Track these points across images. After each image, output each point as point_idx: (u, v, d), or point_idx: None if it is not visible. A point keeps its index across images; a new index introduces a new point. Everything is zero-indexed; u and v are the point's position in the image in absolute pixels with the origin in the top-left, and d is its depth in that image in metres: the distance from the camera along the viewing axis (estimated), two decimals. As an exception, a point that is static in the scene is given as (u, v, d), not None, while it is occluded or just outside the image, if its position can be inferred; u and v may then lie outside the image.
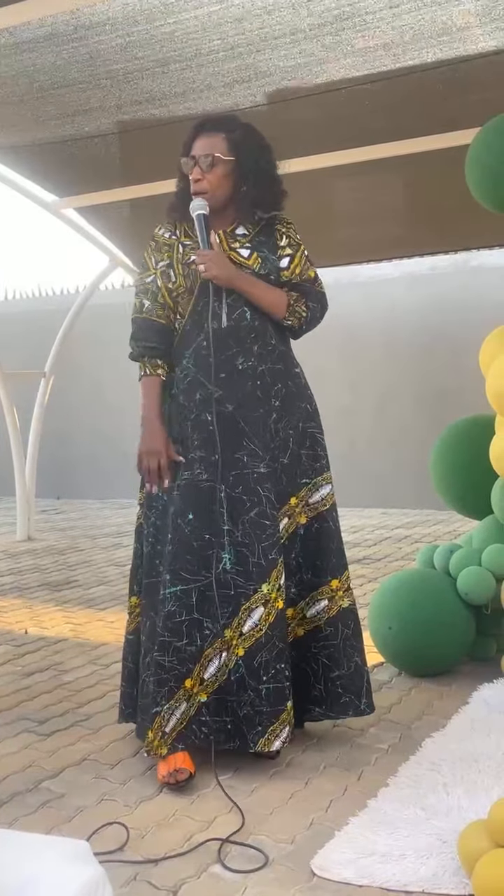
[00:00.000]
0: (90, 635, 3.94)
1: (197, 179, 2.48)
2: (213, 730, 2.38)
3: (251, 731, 2.36)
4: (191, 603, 2.38)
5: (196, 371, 2.47)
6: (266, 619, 2.38)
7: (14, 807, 2.25)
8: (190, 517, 2.41)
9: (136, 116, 4.43)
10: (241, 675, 2.37)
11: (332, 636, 2.53)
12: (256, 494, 2.42)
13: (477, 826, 1.81)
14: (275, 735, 2.35)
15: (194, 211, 2.46)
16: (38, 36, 3.57)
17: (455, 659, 3.23)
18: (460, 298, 7.67)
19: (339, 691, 2.52)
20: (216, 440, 2.42)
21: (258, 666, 2.36)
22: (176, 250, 2.55)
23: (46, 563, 5.82)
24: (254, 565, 2.39)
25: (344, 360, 8.08)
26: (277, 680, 2.36)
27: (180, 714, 2.36)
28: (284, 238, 2.58)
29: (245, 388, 2.46)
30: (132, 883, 1.88)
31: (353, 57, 3.81)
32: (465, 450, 3.56)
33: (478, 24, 3.53)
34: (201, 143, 2.50)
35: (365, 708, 2.55)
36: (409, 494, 7.65)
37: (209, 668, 2.39)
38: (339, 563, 2.58)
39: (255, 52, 3.77)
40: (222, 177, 2.49)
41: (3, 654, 3.67)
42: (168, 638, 2.37)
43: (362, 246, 6.21)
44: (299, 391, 2.57)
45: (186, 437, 2.47)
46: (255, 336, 2.49)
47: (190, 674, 2.37)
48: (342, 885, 1.85)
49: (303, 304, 2.56)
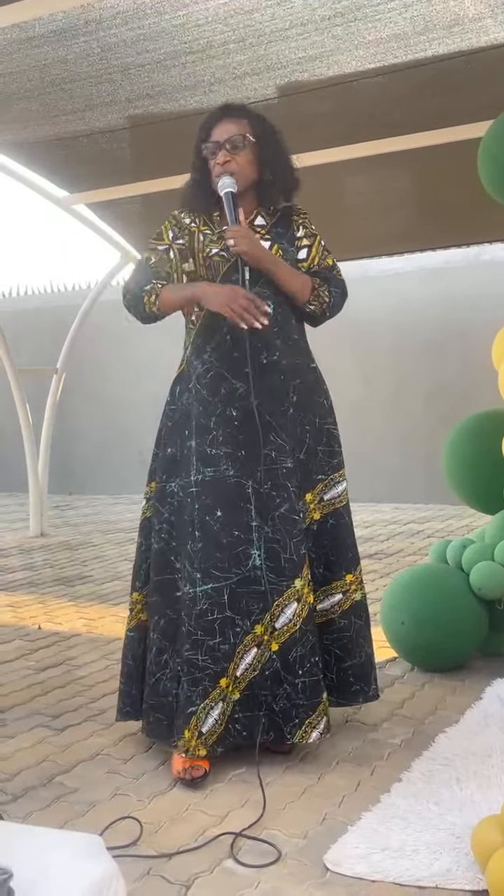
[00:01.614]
0: (103, 630, 3.95)
1: (226, 161, 2.45)
2: (245, 726, 2.37)
3: (288, 723, 2.36)
4: (222, 601, 2.36)
5: (220, 365, 2.45)
6: (300, 614, 2.38)
7: (28, 801, 2.25)
8: (218, 514, 2.39)
9: (147, 110, 4.43)
10: (276, 670, 2.37)
11: (345, 628, 2.54)
12: (286, 490, 2.41)
13: (490, 821, 1.80)
14: (312, 727, 2.36)
15: (223, 189, 2.44)
16: (48, 31, 3.57)
17: (468, 654, 3.22)
18: (472, 293, 7.63)
19: (350, 680, 2.55)
20: (239, 436, 2.41)
21: (293, 660, 2.36)
22: (196, 238, 2.53)
23: (59, 558, 5.84)
24: (286, 561, 2.38)
25: (356, 355, 8.06)
26: (313, 673, 2.38)
27: (218, 714, 2.33)
28: (301, 229, 2.57)
29: (270, 382, 2.45)
30: (145, 877, 1.88)
31: (365, 49, 3.79)
32: (477, 444, 3.55)
33: (490, 15, 3.51)
34: (226, 127, 2.48)
35: (373, 694, 2.60)
36: (422, 489, 7.63)
37: (241, 666, 2.38)
38: (353, 558, 2.59)
39: (265, 44, 3.75)
40: (249, 161, 2.48)
41: (17, 649, 3.68)
42: (201, 637, 2.34)
43: (374, 240, 6.19)
44: (316, 386, 2.56)
45: (210, 433, 2.43)
46: (277, 330, 2.47)
47: (225, 672, 2.35)
48: (355, 880, 1.85)
49: (325, 289, 2.55)
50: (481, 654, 3.31)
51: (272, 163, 2.51)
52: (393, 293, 8.07)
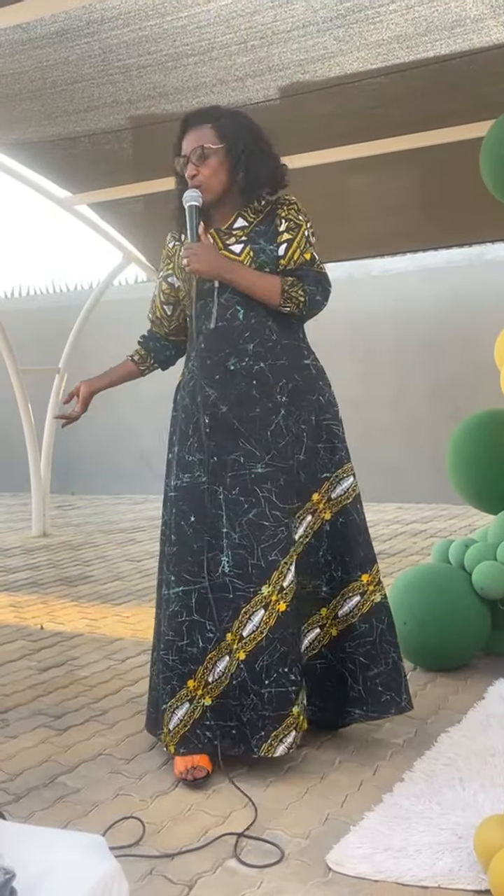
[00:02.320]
0: (106, 630, 3.95)
1: (192, 175, 2.45)
2: (216, 735, 2.36)
3: (254, 735, 2.32)
4: (190, 604, 2.37)
5: (198, 374, 2.46)
6: (267, 622, 2.33)
7: (30, 801, 2.26)
8: (192, 519, 2.41)
9: (149, 111, 4.43)
10: (244, 679, 2.33)
11: (367, 633, 2.46)
12: (255, 495, 2.38)
13: (493, 821, 1.80)
14: (278, 740, 2.30)
15: (186, 201, 2.42)
16: (50, 32, 3.57)
17: (471, 654, 3.22)
18: (475, 292, 7.63)
19: (378, 689, 2.44)
20: (208, 442, 2.42)
21: (260, 670, 2.32)
22: (177, 256, 2.57)
23: (62, 558, 5.84)
24: (253, 567, 2.34)
25: (358, 355, 8.06)
26: (280, 684, 2.31)
27: (182, 715, 2.35)
28: (284, 222, 2.49)
29: (239, 388, 2.42)
30: (148, 877, 1.88)
31: (367, 50, 3.79)
32: (480, 444, 3.55)
33: (492, 16, 3.51)
34: (189, 139, 2.47)
35: (406, 705, 2.47)
36: (425, 489, 7.63)
37: (214, 672, 2.37)
38: (367, 557, 2.50)
39: (267, 46, 3.76)
40: (217, 166, 2.45)
41: (20, 649, 3.69)
42: (172, 637, 2.38)
43: (376, 240, 6.19)
44: (309, 384, 2.50)
45: (188, 439, 2.46)
46: (249, 335, 2.44)
47: (192, 674, 2.36)
48: (357, 879, 1.85)
49: (299, 288, 2.46)
50: (484, 654, 3.31)
51: (247, 155, 2.45)
52: (395, 293, 8.07)
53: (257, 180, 2.49)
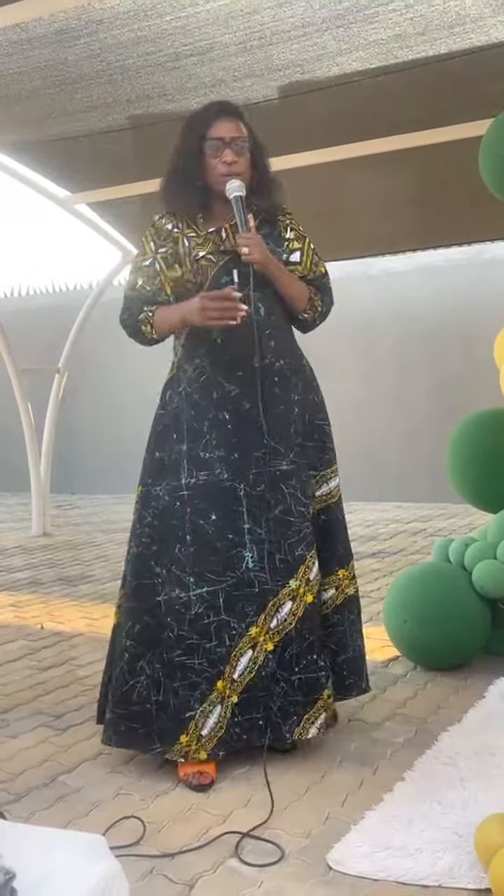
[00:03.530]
0: (106, 630, 3.92)
1: (232, 161, 2.41)
2: (245, 729, 2.37)
3: (287, 721, 2.37)
4: (218, 604, 2.36)
5: (212, 369, 2.45)
6: (295, 613, 2.39)
7: (31, 801, 2.26)
8: (213, 518, 2.38)
9: (148, 111, 4.43)
10: (272, 669, 2.38)
11: (339, 623, 2.57)
12: (280, 492, 2.41)
13: (493, 820, 1.81)
14: (310, 722, 2.39)
15: (232, 192, 2.38)
16: (49, 31, 3.57)
17: (471, 653, 3.22)
18: (474, 291, 7.63)
19: (344, 674, 2.57)
20: (232, 439, 2.40)
21: (290, 658, 2.38)
22: (181, 243, 2.49)
23: (62, 558, 5.84)
24: (281, 562, 2.39)
25: (358, 354, 8.06)
26: (310, 671, 2.39)
27: (217, 717, 2.34)
28: (289, 230, 2.54)
29: (263, 385, 2.43)
30: (148, 877, 1.88)
31: (366, 49, 3.79)
32: (480, 443, 3.55)
33: (491, 15, 3.51)
34: (227, 126, 2.43)
35: (366, 687, 2.63)
36: (424, 488, 7.63)
37: (237, 668, 2.38)
38: (345, 553, 2.60)
39: (267, 46, 3.76)
40: (248, 164, 2.45)
41: (20, 649, 3.69)
42: (197, 640, 2.35)
43: (375, 239, 6.19)
44: (306, 384, 2.56)
45: (203, 436, 2.43)
46: (269, 332, 2.46)
47: (221, 675, 2.35)
48: (358, 879, 1.85)
49: (319, 299, 2.57)
50: (484, 653, 3.31)
51: (262, 166, 2.49)
52: (394, 292, 8.07)
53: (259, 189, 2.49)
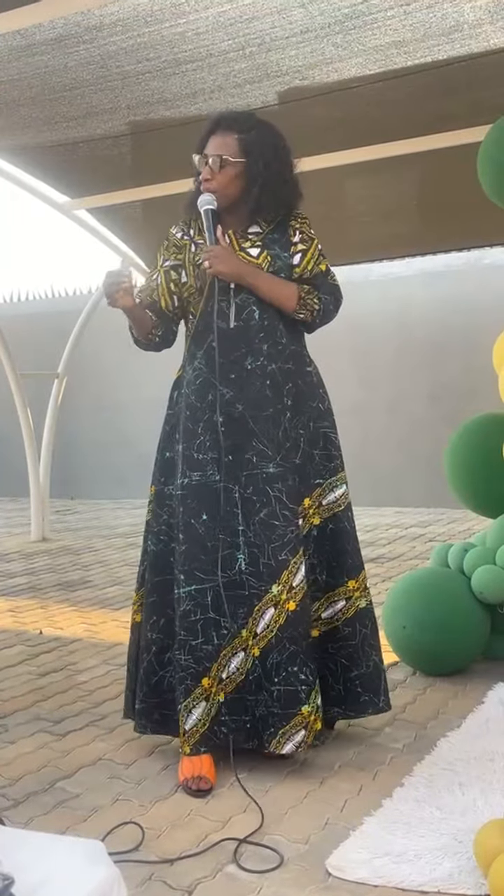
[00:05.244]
0: (105, 635, 3.95)
1: (206, 178, 2.47)
2: (231, 729, 2.39)
3: (265, 731, 2.37)
4: (205, 602, 2.38)
5: (207, 372, 2.47)
6: (276, 620, 2.37)
7: (29, 807, 2.26)
8: (204, 518, 2.41)
9: (148, 117, 4.44)
10: (258, 676, 2.38)
11: (350, 636, 2.52)
12: (266, 495, 2.41)
13: (493, 826, 1.80)
14: (286, 738, 2.34)
15: (202, 206, 2.46)
16: (49, 38, 3.58)
17: (470, 658, 3.22)
18: (474, 296, 7.64)
19: (358, 690, 2.52)
20: (225, 441, 2.42)
21: (270, 667, 2.37)
22: (188, 250, 2.55)
23: (61, 563, 5.84)
24: (264, 566, 2.39)
25: (357, 359, 8.06)
26: (289, 683, 2.35)
27: (200, 713, 2.35)
28: (297, 234, 2.55)
29: (254, 388, 2.45)
30: (147, 883, 1.88)
31: (365, 56, 3.80)
32: (479, 448, 3.55)
33: (490, 21, 3.52)
34: (214, 142, 2.48)
35: (384, 706, 2.55)
36: (423, 493, 7.63)
37: (228, 668, 2.39)
38: (355, 564, 2.56)
39: (266, 52, 3.76)
40: (232, 178, 2.46)
41: (19, 654, 3.69)
42: (184, 637, 2.37)
43: (375, 244, 6.20)
44: (310, 390, 2.56)
45: (197, 438, 2.45)
46: (263, 335, 2.48)
47: (207, 672, 2.36)
48: (357, 885, 1.85)
49: (314, 296, 2.53)
50: (483, 658, 3.31)
51: (263, 176, 2.46)
52: (394, 297, 8.08)
53: (268, 203, 2.49)
